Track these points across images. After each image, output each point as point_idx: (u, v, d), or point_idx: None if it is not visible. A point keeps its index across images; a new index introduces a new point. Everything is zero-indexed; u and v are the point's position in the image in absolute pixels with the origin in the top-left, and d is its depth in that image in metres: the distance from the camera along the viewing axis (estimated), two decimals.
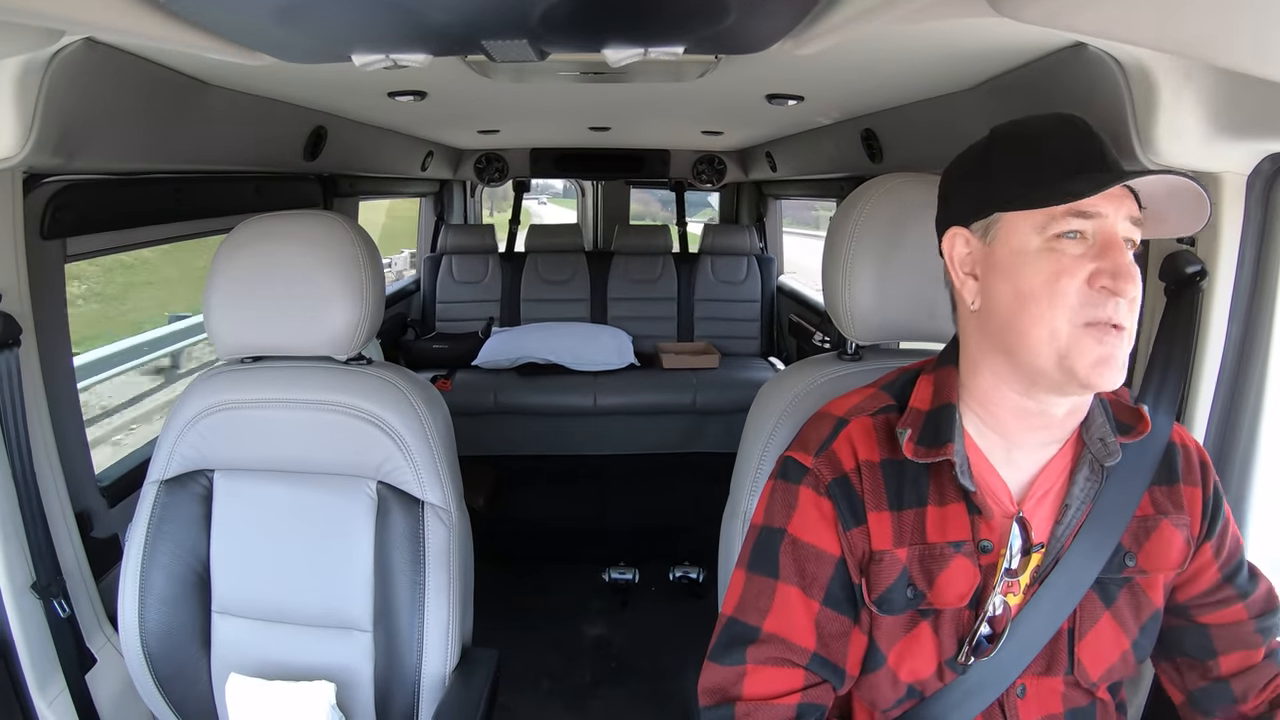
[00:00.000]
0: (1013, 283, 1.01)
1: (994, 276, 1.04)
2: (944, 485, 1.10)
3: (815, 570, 1.10)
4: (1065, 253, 0.98)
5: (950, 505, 1.10)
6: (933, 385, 1.14)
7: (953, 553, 1.09)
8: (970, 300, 1.07)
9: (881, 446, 1.13)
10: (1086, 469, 1.10)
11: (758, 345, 5.02)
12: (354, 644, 1.57)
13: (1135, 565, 1.12)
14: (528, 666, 3.00)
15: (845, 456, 1.12)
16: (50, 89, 1.31)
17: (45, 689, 1.59)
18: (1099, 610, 1.12)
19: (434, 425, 1.57)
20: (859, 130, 2.62)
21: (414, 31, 1.16)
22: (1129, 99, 1.28)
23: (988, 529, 1.09)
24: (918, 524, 1.10)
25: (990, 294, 1.04)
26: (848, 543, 1.10)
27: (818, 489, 1.11)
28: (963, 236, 1.08)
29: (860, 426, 1.14)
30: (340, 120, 2.69)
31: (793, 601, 1.09)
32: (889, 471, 1.11)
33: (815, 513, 1.11)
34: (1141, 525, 1.12)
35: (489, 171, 4.93)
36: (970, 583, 1.09)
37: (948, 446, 1.07)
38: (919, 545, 1.09)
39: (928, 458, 1.08)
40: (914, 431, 1.10)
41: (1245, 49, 0.78)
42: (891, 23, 1.10)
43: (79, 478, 1.80)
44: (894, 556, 1.09)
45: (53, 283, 1.74)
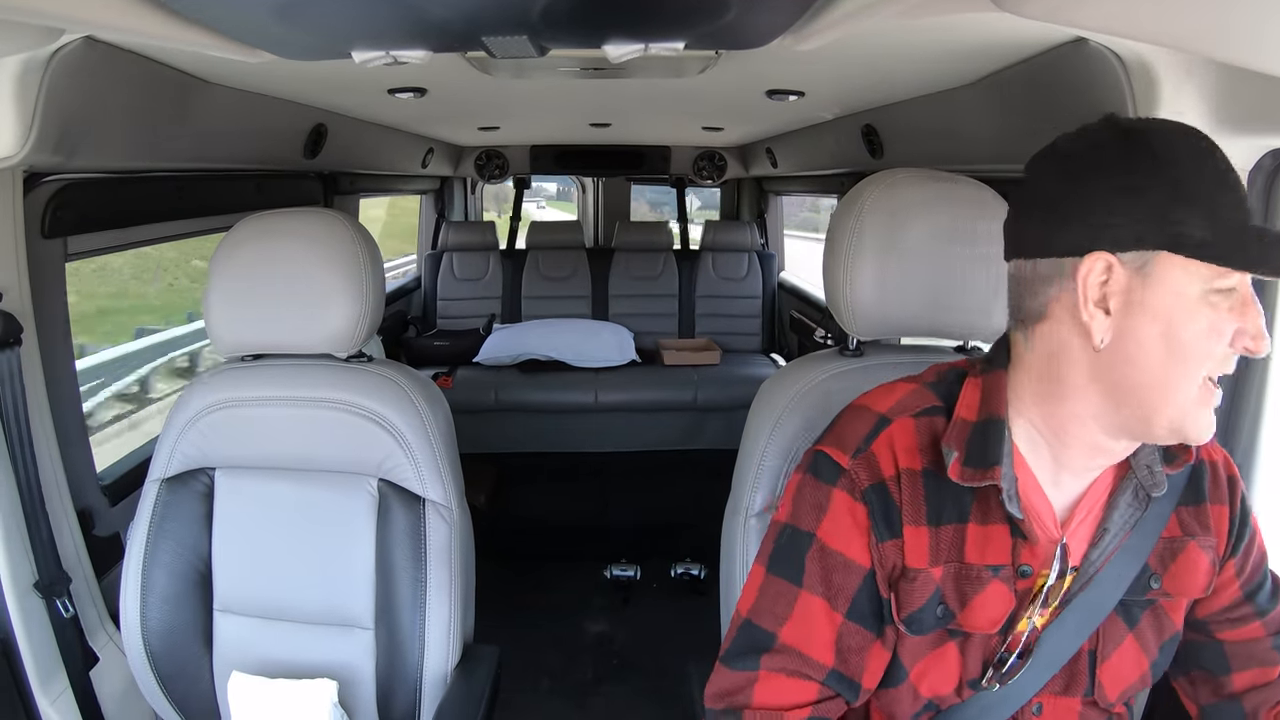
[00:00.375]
0: (1170, 336, 0.90)
1: (1141, 318, 0.90)
2: (988, 503, 1.03)
3: (843, 581, 1.03)
4: (1219, 307, 0.89)
5: (993, 525, 1.03)
6: (980, 392, 1.05)
7: (990, 576, 1.03)
8: (1098, 338, 0.92)
9: (924, 453, 1.05)
10: (1130, 495, 1.05)
11: (759, 341, 5.01)
12: (356, 641, 1.57)
13: (1160, 588, 1.07)
14: (529, 664, 3.01)
15: (885, 461, 1.04)
16: (50, 87, 1.31)
17: (48, 687, 1.60)
18: (1122, 632, 1.08)
19: (435, 422, 1.57)
20: (859, 126, 2.62)
21: (414, 27, 1.16)
22: (1130, 94, 1.28)
23: (1029, 554, 1.03)
24: (956, 541, 1.03)
25: (1129, 337, 0.91)
26: (879, 555, 1.03)
27: (853, 493, 1.04)
28: (1105, 263, 0.91)
29: (903, 428, 1.06)
30: (340, 118, 2.69)
31: (815, 613, 1.03)
32: (930, 483, 1.04)
33: (848, 519, 1.04)
34: (1168, 547, 1.07)
35: (489, 168, 4.94)
36: (1005, 608, 1.03)
37: (995, 470, 0.99)
38: (955, 564, 1.03)
39: (974, 481, 1.00)
40: (960, 451, 1.01)
41: (1246, 43, 0.77)
42: (892, 18, 1.10)
43: (81, 476, 1.80)
44: (928, 575, 1.03)
45: (53, 281, 1.74)
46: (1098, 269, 0.91)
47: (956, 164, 1.99)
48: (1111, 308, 0.92)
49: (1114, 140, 0.92)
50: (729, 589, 1.45)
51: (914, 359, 1.42)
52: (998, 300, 1.32)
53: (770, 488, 1.39)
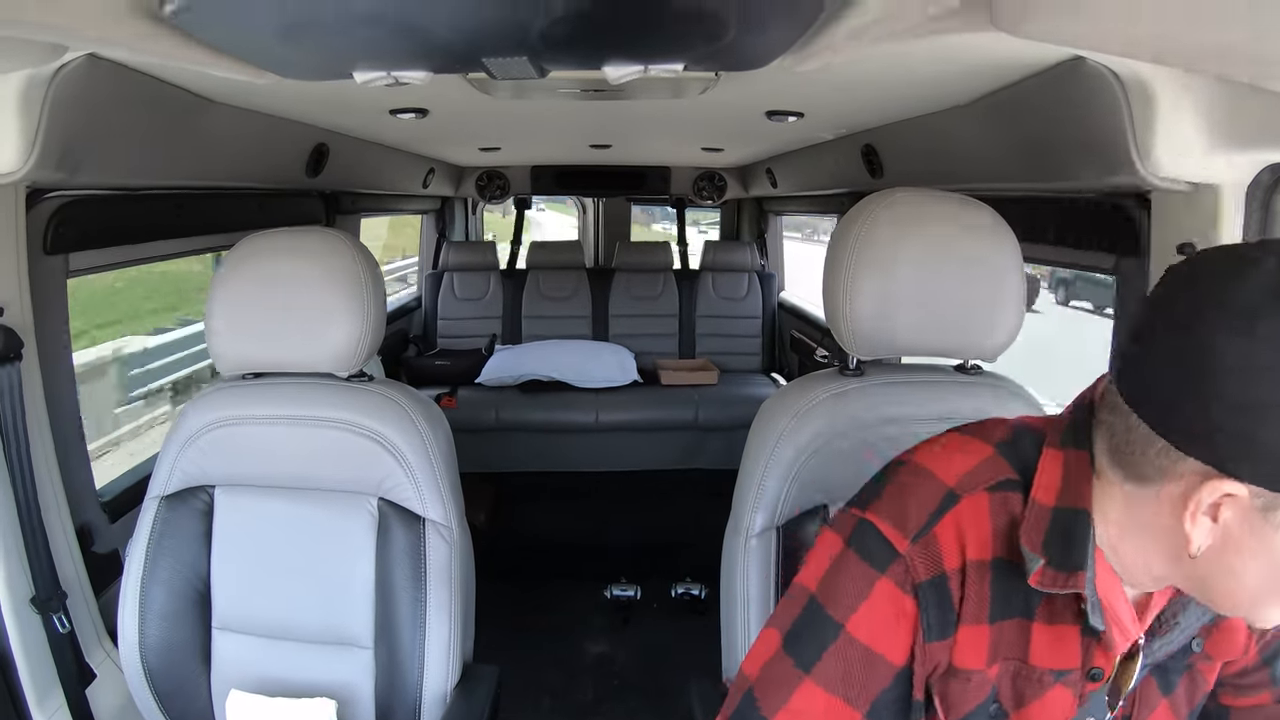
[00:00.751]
0: (1268, 577, 0.79)
1: (1250, 556, 0.78)
2: (1057, 600, 0.90)
3: (867, 679, 0.90)
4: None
5: (1061, 626, 0.91)
6: (1061, 471, 0.90)
7: (1053, 681, 0.92)
8: (1195, 547, 0.79)
9: (997, 540, 0.90)
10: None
11: (759, 361, 5.02)
12: (355, 661, 1.56)
13: (1201, 652, 1.00)
14: (529, 684, 2.99)
15: (949, 550, 0.90)
16: (53, 104, 1.32)
17: (44, 704, 1.59)
18: (1156, 698, 1.01)
19: (435, 442, 1.56)
20: (859, 146, 2.63)
21: (415, 49, 1.17)
22: (1127, 112, 1.28)
23: (1104, 658, 0.92)
24: (1019, 638, 0.92)
25: (1235, 557, 0.78)
26: (922, 655, 0.91)
27: (903, 585, 0.90)
28: (1230, 491, 0.75)
29: (974, 508, 0.91)
30: (342, 137, 2.70)
31: (819, 709, 0.90)
32: (998, 575, 0.90)
33: (891, 613, 0.90)
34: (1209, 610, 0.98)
35: (490, 189, 4.96)
36: (1066, 714, 0.93)
37: (1079, 576, 0.86)
38: (1015, 662, 0.92)
39: (1055, 588, 0.87)
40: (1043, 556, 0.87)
41: (1243, 60, 0.78)
42: (890, 39, 1.11)
43: (80, 492, 1.80)
44: (984, 677, 0.92)
45: (54, 297, 1.75)
46: (1219, 493, 0.76)
47: (956, 183, 2.00)
48: (1222, 517, 0.77)
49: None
50: (729, 609, 1.45)
51: (914, 378, 1.42)
52: (998, 319, 1.32)
53: (771, 508, 1.39)
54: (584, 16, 1.04)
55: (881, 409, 1.38)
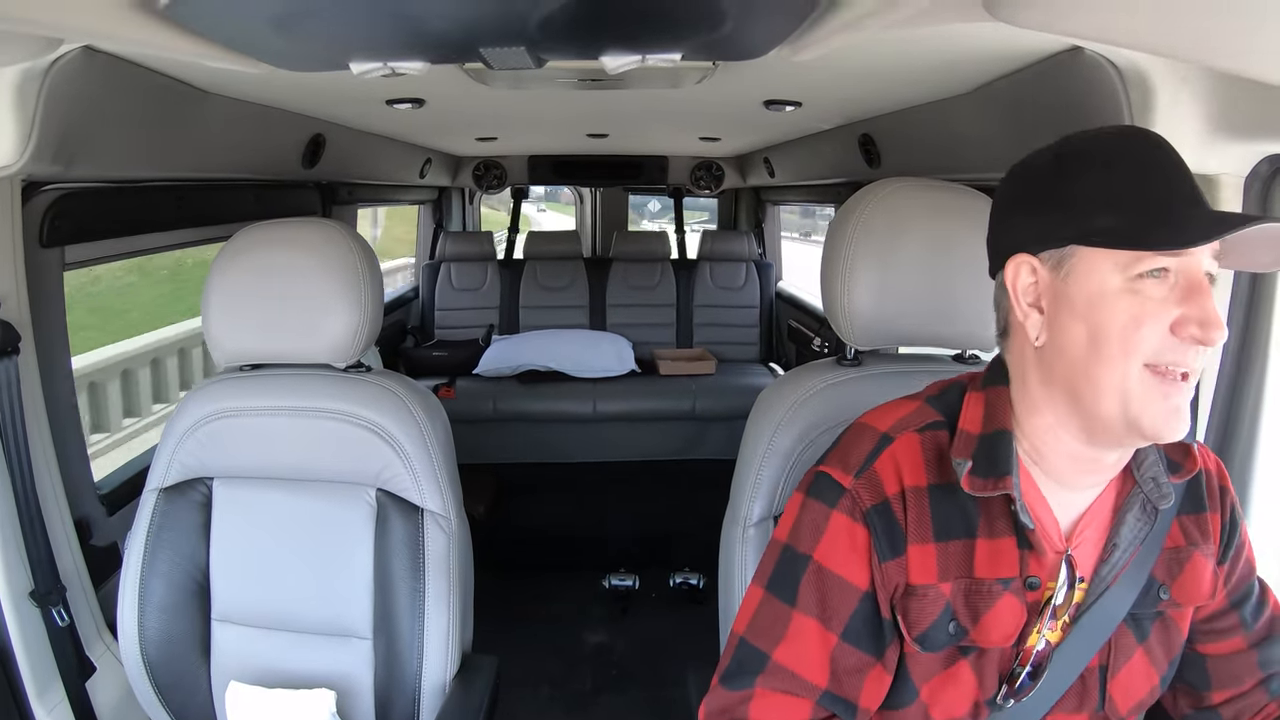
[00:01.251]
0: (1088, 324, 0.91)
1: (1065, 315, 0.93)
2: (994, 516, 1.02)
3: (838, 603, 1.02)
4: (1149, 295, 0.88)
5: (1001, 539, 1.02)
6: (984, 406, 1.05)
7: (1001, 590, 1.01)
8: (1034, 336, 0.97)
9: (929, 469, 1.03)
10: (1137, 509, 1.04)
11: (757, 351, 5.01)
12: (354, 651, 1.57)
13: (1169, 598, 1.06)
14: (528, 674, 3.00)
15: (888, 479, 1.03)
16: (49, 97, 1.32)
17: (45, 697, 1.59)
18: (1132, 646, 1.07)
19: (433, 432, 1.57)
20: (856, 135, 2.63)
21: (412, 39, 1.17)
22: (1126, 102, 1.28)
23: (1036, 565, 1.01)
24: (964, 556, 1.02)
25: (1059, 333, 0.95)
26: (881, 575, 1.02)
27: (853, 514, 1.02)
28: (1029, 265, 0.97)
29: (906, 445, 1.05)
30: (338, 128, 2.69)
31: (808, 634, 1.01)
32: (936, 498, 1.02)
33: (847, 540, 1.02)
34: (1174, 557, 1.06)
35: (487, 179, 4.94)
36: (1017, 622, 1.02)
37: (1006, 479, 0.98)
38: (965, 579, 1.02)
39: (985, 491, 0.99)
40: (971, 462, 1.00)
41: (1242, 51, 0.78)
42: (888, 28, 1.10)
43: (78, 485, 1.80)
44: (937, 591, 1.01)
45: (51, 291, 1.74)
46: (1023, 271, 0.98)
47: (953, 173, 1.99)
48: (1044, 306, 0.96)
49: (1044, 155, 0.99)
50: (727, 598, 1.45)
51: (912, 368, 1.42)
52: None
53: (768, 497, 1.39)
54: (581, 6, 1.03)
55: (879, 399, 1.38)
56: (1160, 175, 0.91)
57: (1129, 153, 0.93)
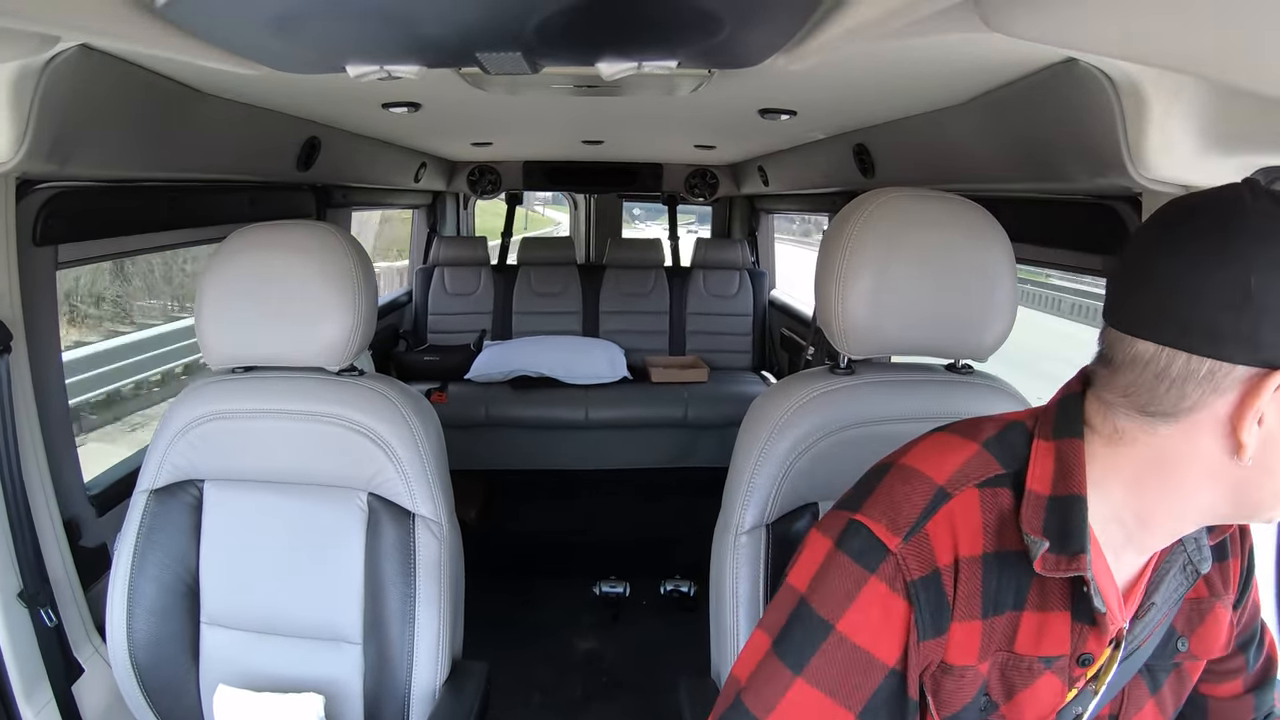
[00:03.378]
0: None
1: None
2: (1047, 588, 0.91)
3: (860, 680, 0.89)
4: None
5: (1053, 612, 0.92)
6: (1054, 462, 0.91)
7: (1043, 668, 0.92)
8: (1248, 456, 0.80)
9: (988, 534, 0.91)
10: (1178, 569, 0.96)
11: (750, 359, 5.02)
12: (344, 656, 1.56)
13: (1187, 650, 1.02)
14: (518, 680, 2.99)
15: (942, 546, 0.90)
16: (44, 95, 1.31)
17: (32, 699, 1.58)
18: (1144, 696, 1.02)
19: (425, 437, 1.56)
20: (851, 145, 2.64)
21: (408, 43, 1.17)
22: (1120, 114, 1.29)
23: (1095, 643, 0.92)
24: (1008, 630, 0.92)
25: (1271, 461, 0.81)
26: (917, 654, 0.90)
27: (894, 585, 0.89)
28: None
29: (965, 505, 0.91)
30: (334, 131, 2.69)
31: (811, 707, 0.89)
32: (990, 569, 0.90)
33: (881, 613, 0.89)
34: (1195, 608, 1.01)
35: (482, 184, 4.96)
36: (1056, 702, 0.94)
37: (1080, 559, 0.87)
38: (1003, 654, 0.92)
39: (1057, 571, 0.88)
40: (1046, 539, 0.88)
41: (1236, 64, 0.78)
42: (884, 38, 1.11)
43: (68, 485, 1.79)
44: (975, 672, 0.92)
45: (44, 289, 1.74)
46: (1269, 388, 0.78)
47: (948, 183, 2.00)
48: (1267, 421, 0.80)
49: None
50: (718, 606, 1.45)
51: (905, 377, 1.43)
52: (990, 319, 1.33)
53: (760, 505, 1.39)
54: (578, 12, 1.03)
55: (872, 408, 1.39)
56: None
57: None
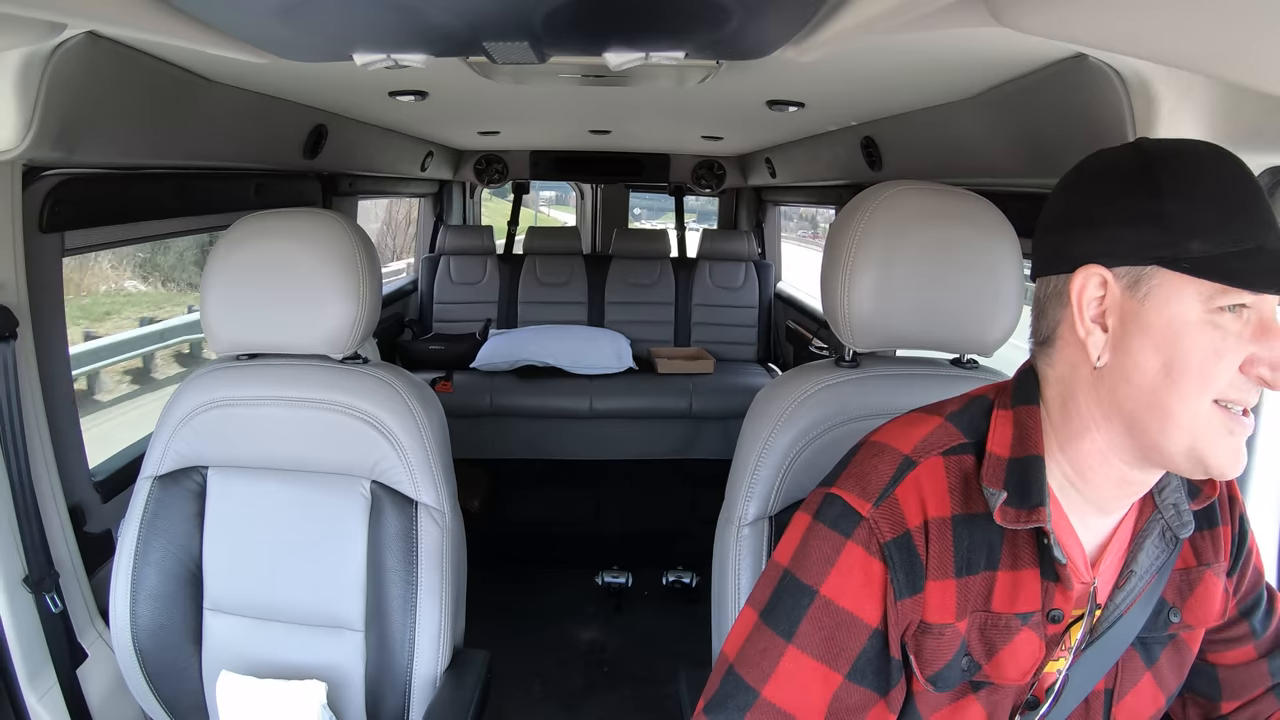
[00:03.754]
0: (1163, 353, 0.86)
1: (1138, 340, 0.87)
2: (1018, 547, 0.97)
3: (846, 640, 0.94)
4: (1227, 329, 0.84)
5: (1024, 570, 0.97)
6: (1013, 427, 0.98)
7: (1019, 625, 0.97)
8: (1096, 355, 0.90)
9: (954, 498, 0.97)
10: (1157, 536, 1.00)
11: (755, 351, 5.02)
12: (346, 643, 1.57)
13: (1180, 621, 1.04)
14: (520, 670, 3.00)
15: (911, 509, 0.95)
16: (52, 82, 1.31)
17: (36, 683, 1.59)
18: (1140, 670, 1.04)
19: (429, 426, 1.56)
20: (859, 138, 2.63)
21: (415, 32, 1.16)
22: (1129, 110, 1.28)
23: (1062, 598, 0.97)
24: (984, 590, 0.97)
25: (1127, 357, 0.88)
26: (895, 613, 0.95)
27: (869, 547, 0.95)
28: (1100, 278, 0.89)
29: (930, 470, 0.97)
30: (340, 119, 2.69)
31: (805, 673, 0.94)
32: (960, 530, 0.96)
33: (860, 575, 0.95)
34: (1184, 578, 1.04)
35: (489, 173, 4.95)
36: (1035, 658, 0.98)
37: (1039, 511, 0.93)
38: (981, 613, 0.97)
39: (1017, 523, 0.93)
40: (1005, 491, 0.95)
41: (1244, 62, 0.78)
42: (893, 31, 1.10)
43: (73, 472, 1.80)
44: (954, 630, 0.96)
45: (50, 276, 1.74)
46: (1092, 284, 0.90)
47: (955, 177, 1.99)
48: (1109, 325, 0.89)
49: (1130, 160, 0.90)
50: (721, 598, 1.45)
51: (910, 371, 1.42)
52: (995, 314, 1.32)
53: (764, 498, 1.39)
54: (585, 2, 1.03)
55: (876, 401, 1.38)
56: (1256, 208, 0.86)
57: (1225, 178, 0.87)
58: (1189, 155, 0.88)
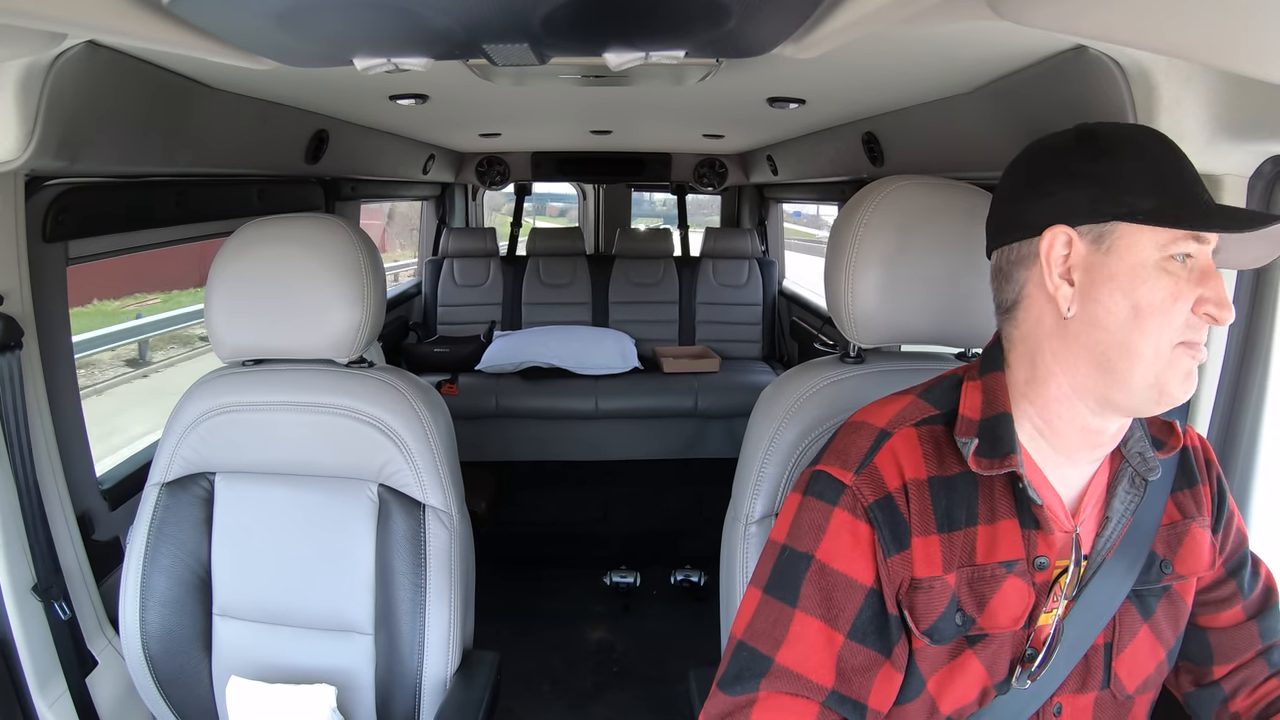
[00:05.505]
0: (1130, 298, 0.94)
1: (1105, 288, 0.96)
2: (994, 500, 1.04)
3: (843, 601, 1.01)
4: (1178, 275, 0.94)
5: (1001, 522, 1.04)
6: (982, 392, 1.07)
7: (1005, 573, 1.03)
8: (1065, 307, 0.99)
9: (929, 461, 1.05)
10: (1126, 482, 1.08)
11: (759, 349, 5.01)
12: (355, 647, 1.57)
13: (1173, 572, 1.10)
14: (530, 670, 3.01)
15: (889, 474, 1.04)
16: (53, 91, 1.32)
17: (46, 691, 1.59)
18: (1137, 623, 1.09)
19: (435, 428, 1.57)
20: (860, 133, 2.62)
21: (415, 35, 1.16)
22: (1130, 102, 1.28)
23: (1045, 545, 1.04)
24: (967, 545, 1.03)
25: (1095, 304, 0.97)
26: (886, 571, 1.02)
27: (855, 511, 1.02)
28: (1065, 237, 0.98)
29: (905, 439, 1.06)
30: (342, 123, 2.69)
31: (811, 634, 1.00)
32: (937, 490, 1.04)
33: (849, 538, 1.02)
34: (1171, 532, 1.11)
35: (490, 174, 4.95)
36: (1025, 604, 1.04)
37: (1011, 457, 1.01)
38: (968, 567, 1.03)
39: (991, 470, 1.01)
40: (977, 440, 1.03)
41: (1246, 52, 0.78)
42: (893, 26, 1.10)
43: (80, 480, 1.80)
44: (943, 583, 1.02)
45: (54, 285, 1.74)
46: (1059, 242, 0.99)
47: (957, 171, 1.99)
48: (1075, 279, 0.98)
49: (1072, 138, 1.01)
50: (729, 596, 1.45)
51: (915, 366, 1.42)
52: None
53: (770, 495, 1.39)
54: (585, 3, 1.03)
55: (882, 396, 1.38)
56: (1186, 167, 0.97)
57: (1153, 143, 0.98)
58: (1123, 129, 1.01)
